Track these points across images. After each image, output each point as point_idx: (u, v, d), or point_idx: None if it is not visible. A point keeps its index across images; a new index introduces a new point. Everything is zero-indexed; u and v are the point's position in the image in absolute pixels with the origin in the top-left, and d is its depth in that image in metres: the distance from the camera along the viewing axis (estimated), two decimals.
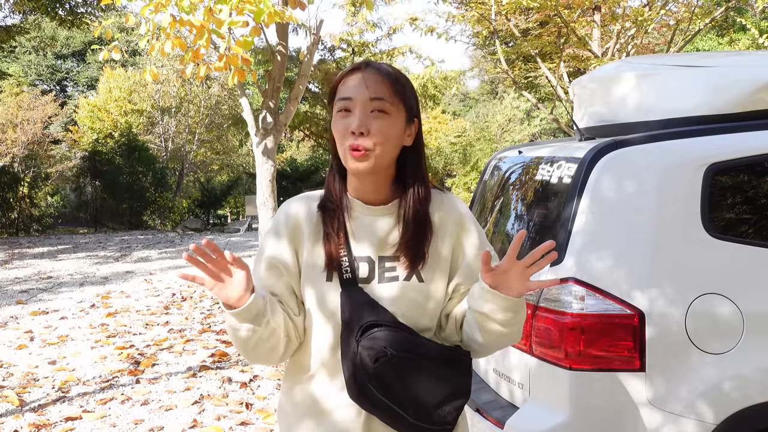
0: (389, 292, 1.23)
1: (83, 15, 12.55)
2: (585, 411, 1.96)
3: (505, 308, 1.16)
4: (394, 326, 1.19)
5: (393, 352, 1.15)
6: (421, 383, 1.18)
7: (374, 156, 1.20)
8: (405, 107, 1.23)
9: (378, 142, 1.19)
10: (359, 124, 1.18)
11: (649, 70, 2.48)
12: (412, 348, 1.18)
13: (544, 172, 2.36)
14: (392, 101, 1.21)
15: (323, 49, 16.33)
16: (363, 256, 1.25)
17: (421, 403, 1.18)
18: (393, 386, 1.16)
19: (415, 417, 1.18)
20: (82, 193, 19.45)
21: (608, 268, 1.97)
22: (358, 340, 1.18)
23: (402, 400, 1.17)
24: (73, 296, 7.11)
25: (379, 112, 1.20)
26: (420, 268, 1.25)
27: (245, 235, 15.14)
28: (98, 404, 3.78)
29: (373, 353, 1.15)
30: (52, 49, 27.30)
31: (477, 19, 9.51)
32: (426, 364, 1.18)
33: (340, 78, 1.25)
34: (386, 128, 1.20)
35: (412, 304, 1.24)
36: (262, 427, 3.46)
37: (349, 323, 1.20)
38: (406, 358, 1.16)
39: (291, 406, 1.32)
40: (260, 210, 6.56)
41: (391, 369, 1.16)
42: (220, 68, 4.66)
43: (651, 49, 12.50)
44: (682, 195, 2.01)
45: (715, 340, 1.94)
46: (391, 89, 1.21)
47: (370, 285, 1.24)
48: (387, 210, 1.27)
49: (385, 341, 1.16)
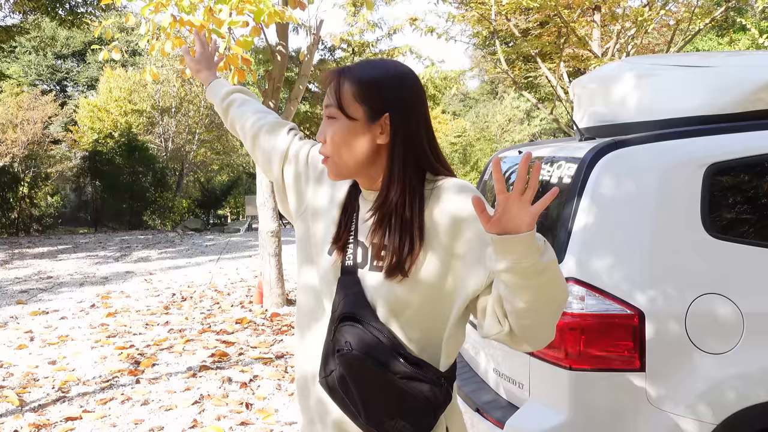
0: (374, 281, 1.21)
1: (83, 15, 12.56)
2: (585, 411, 1.96)
3: (524, 250, 0.98)
4: (373, 326, 1.16)
5: (350, 348, 1.14)
6: (375, 390, 1.14)
7: (333, 162, 1.22)
8: (364, 108, 1.18)
9: (333, 149, 1.21)
10: (319, 132, 1.23)
11: (649, 70, 2.48)
12: (375, 353, 1.13)
13: (544, 172, 2.36)
14: (340, 106, 1.19)
15: (323, 49, 16.35)
16: (360, 241, 1.25)
17: (373, 410, 1.16)
18: (349, 383, 1.15)
19: (366, 419, 1.17)
20: (82, 193, 19.46)
21: (608, 268, 1.97)
22: (335, 329, 1.19)
23: (356, 400, 1.16)
24: (73, 296, 7.11)
25: (329, 119, 1.22)
26: (410, 263, 1.17)
27: (245, 235, 15.14)
28: (98, 404, 3.78)
29: (338, 346, 1.16)
30: (52, 49, 27.29)
31: (477, 19, 9.52)
32: (385, 377, 1.13)
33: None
34: (335, 133, 1.20)
35: (392, 297, 1.18)
36: (262, 427, 3.46)
37: (335, 310, 1.22)
38: (364, 362, 1.13)
39: (298, 398, 1.38)
40: (260, 210, 6.56)
41: (348, 366, 1.14)
42: (220, 68, 4.66)
43: (651, 49, 12.50)
44: (682, 195, 2.01)
45: (715, 340, 1.94)
46: (339, 93, 1.19)
47: (362, 270, 1.23)
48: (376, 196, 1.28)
49: (354, 337, 1.14)
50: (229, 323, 5.77)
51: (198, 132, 21.32)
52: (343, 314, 1.18)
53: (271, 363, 4.55)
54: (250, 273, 8.81)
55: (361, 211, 1.27)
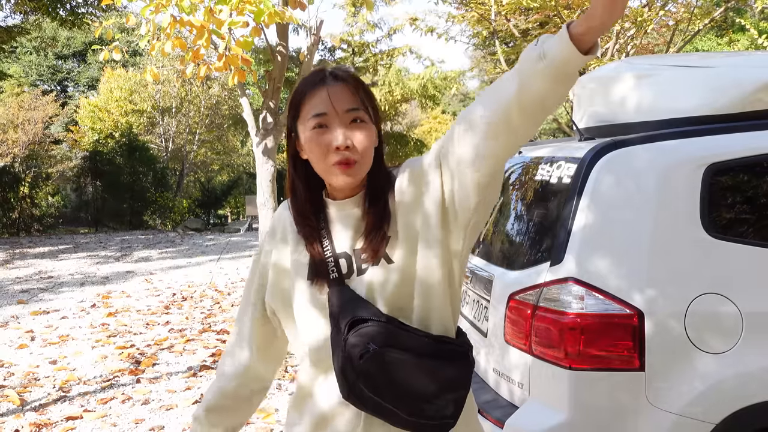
0: (366, 281, 1.22)
1: (84, 15, 12.56)
2: (585, 411, 1.96)
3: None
4: (379, 320, 1.17)
5: (375, 347, 1.13)
6: (408, 378, 1.15)
7: (360, 166, 1.21)
8: (371, 111, 1.24)
9: (362, 153, 1.20)
10: (343, 138, 1.18)
11: (649, 70, 2.49)
12: (395, 342, 1.15)
13: (543, 172, 2.36)
14: (364, 109, 1.21)
15: (323, 50, 16.36)
16: (341, 253, 1.25)
17: (412, 399, 1.16)
18: (380, 383, 1.15)
19: (408, 413, 1.17)
20: (83, 193, 19.45)
21: (608, 267, 1.98)
22: (345, 338, 1.16)
23: (392, 397, 1.16)
24: (73, 296, 7.12)
25: (360, 122, 1.20)
26: (386, 249, 1.21)
27: (245, 235, 15.14)
28: (99, 404, 3.79)
29: (358, 350, 1.14)
30: (52, 49, 27.31)
31: (477, 19, 9.53)
32: (411, 358, 1.15)
33: (302, 93, 1.23)
34: (368, 137, 1.21)
35: (388, 288, 1.21)
36: (262, 427, 3.46)
37: (337, 322, 1.20)
38: (389, 353, 1.14)
39: (293, 411, 1.33)
40: (260, 210, 6.57)
41: (375, 365, 1.14)
42: (220, 68, 4.67)
43: (650, 49, 12.49)
44: (681, 195, 2.01)
45: (715, 339, 1.95)
46: (361, 97, 1.22)
47: (351, 280, 1.23)
48: (354, 202, 1.27)
49: (369, 337, 1.14)
50: (229, 323, 5.77)
51: (198, 132, 21.33)
52: (350, 321, 1.17)
53: None
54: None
55: (335, 225, 1.27)
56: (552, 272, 2.04)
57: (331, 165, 1.19)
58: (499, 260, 2.52)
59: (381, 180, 1.26)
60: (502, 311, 2.25)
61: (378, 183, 1.26)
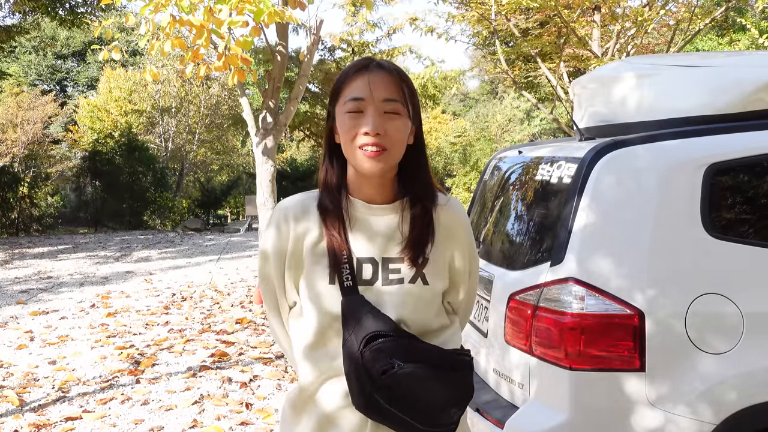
0: (394, 294, 1.22)
1: (83, 15, 12.54)
2: (585, 411, 1.96)
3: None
4: (397, 335, 1.18)
5: (401, 364, 1.14)
6: (428, 391, 1.17)
7: (389, 156, 1.19)
8: (411, 108, 1.23)
9: (393, 143, 1.19)
10: (375, 125, 1.17)
11: (649, 70, 2.48)
12: (417, 358, 1.17)
13: (544, 172, 2.36)
14: (403, 102, 1.21)
15: (323, 49, 16.32)
16: (366, 257, 1.23)
17: (429, 409, 1.18)
18: (400, 396, 1.16)
19: (422, 422, 1.18)
20: (82, 193, 19.44)
21: (608, 268, 1.97)
22: (362, 351, 1.16)
23: (410, 408, 1.17)
24: (73, 296, 7.11)
25: (393, 114, 1.20)
26: (424, 270, 1.24)
27: (245, 235, 15.13)
28: (98, 404, 3.78)
29: (380, 366, 1.14)
30: (52, 49, 27.30)
31: (477, 19, 9.52)
32: (428, 371, 1.17)
33: (345, 76, 1.23)
34: (400, 129, 1.20)
35: (418, 307, 1.23)
36: (262, 427, 3.46)
37: (350, 333, 1.19)
38: (410, 368, 1.15)
39: (292, 412, 1.32)
40: (260, 210, 6.56)
41: (398, 381, 1.14)
42: (220, 68, 4.66)
43: (651, 49, 12.49)
44: (682, 195, 2.01)
45: (715, 339, 1.94)
46: (402, 90, 1.21)
47: (374, 287, 1.22)
48: (390, 209, 1.26)
49: (390, 353, 1.15)
50: (229, 323, 5.77)
51: (198, 132, 21.31)
52: (369, 335, 1.17)
53: (271, 363, 4.55)
54: (250, 273, 8.81)
55: (360, 227, 1.25)
56: (552, 272, 2.03)
57: (358, 148, 1.18)
58: (499, 260, 2.52)
59: (422, 191, 1.26)
60: (502, 311, 2.25)
61: (418, 194, 1.26)
